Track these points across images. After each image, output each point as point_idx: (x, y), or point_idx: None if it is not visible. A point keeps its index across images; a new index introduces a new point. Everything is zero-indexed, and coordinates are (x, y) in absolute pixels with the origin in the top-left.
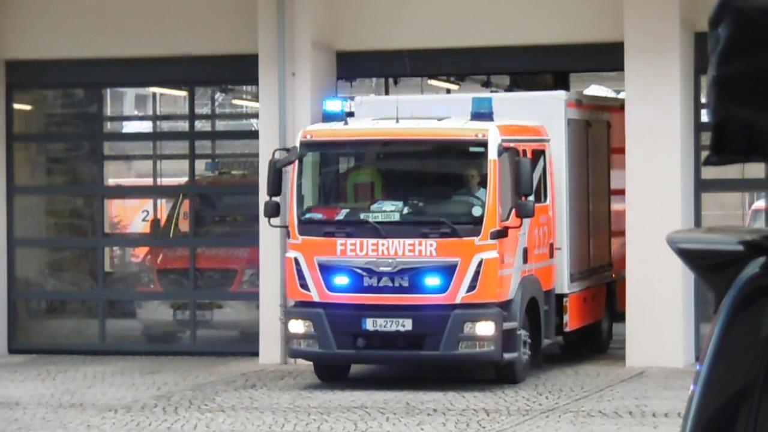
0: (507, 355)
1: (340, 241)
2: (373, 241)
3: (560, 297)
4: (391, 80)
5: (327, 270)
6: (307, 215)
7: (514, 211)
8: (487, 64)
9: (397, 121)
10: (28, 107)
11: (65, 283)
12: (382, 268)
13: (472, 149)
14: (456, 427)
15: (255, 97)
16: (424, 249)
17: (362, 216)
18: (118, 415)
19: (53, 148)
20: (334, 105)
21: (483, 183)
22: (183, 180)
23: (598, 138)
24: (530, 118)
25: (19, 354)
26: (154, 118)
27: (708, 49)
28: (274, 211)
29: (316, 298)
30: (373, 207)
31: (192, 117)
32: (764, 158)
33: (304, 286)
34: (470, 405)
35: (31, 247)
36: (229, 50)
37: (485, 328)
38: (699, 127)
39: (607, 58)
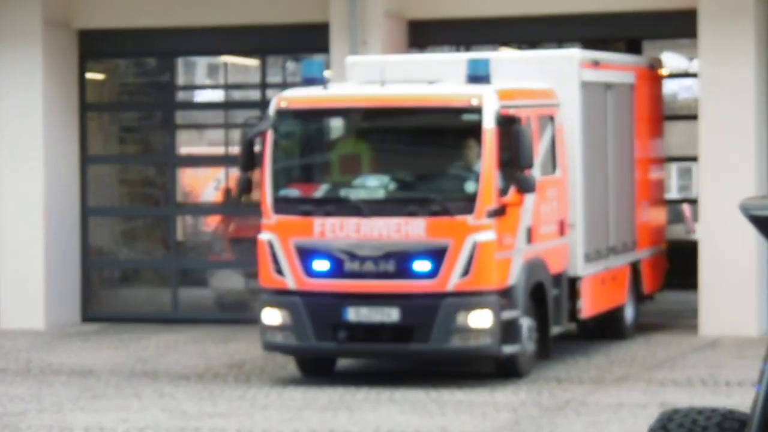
0: (507, 348)
1: (318, 221)
2: (355, 221)
3: (573, 280)
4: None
5: (304, 254)
6: (282, 192)
7: (513, 186)
8: (559, 32)
9: (383, 85)
10: (100, 76)
11: (138, 252)
12: (365, 252)
13: (465, 117)
14: (527, 395)
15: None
16: (411, 230)
17: (343, 193)
18: (191, 383)
19: (126, 117)
20: (314, 68)
21: (478, 155)
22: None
23: (621, 102)
24: (540, 81)
25: (92, 322)
26: (226, 87)
27: None
28: (246, 187)
29: (292, 286)
30: (356, 183)
31: (263, 86)
32: None
33: (279, 271)
34: (542, 374)
35: (104, 216)
36: (300, 19)
37: (480, 319)
38: None
39: (680, 25)
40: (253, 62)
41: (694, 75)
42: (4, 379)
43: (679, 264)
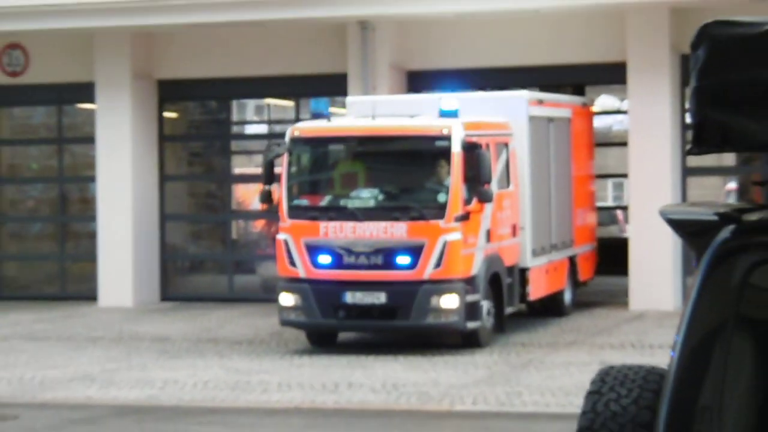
0: (470, 324)
1: (323, 224)
2: (352, 224)
3: (523, 270)
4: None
5: (312, 250)
6: (295, 202)
7: (476, 197)
8: (523, 79)
9: (374, 119)
10: (174, 115)
11: (202, 247)
12: (359, 249)
13: (438, 143)
14: (499, 356)
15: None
16: (395, 231)
17: (342, 202)
18: (243, 347)
19: (193, 145)
20: (321, 106)
21: (448, 173)
22: None
23: (560, 132)
24: (497, 116)
25: (168, 301)
26: (269, 122)
27: (690, 66)
28: (267, 198)
29: (302, 275)
30: (352, 194)
31: (297, 121)
32: (734, 149)
33: (292, 263)
34: (510, 340)
35: (177, 220)
36: (325, 71)
37: (450, 301)
38: (684, 126)
39: (614, 74)
40: (289, 103)
41: (624, 112)
42: (101, 344)
43: (613, 255)
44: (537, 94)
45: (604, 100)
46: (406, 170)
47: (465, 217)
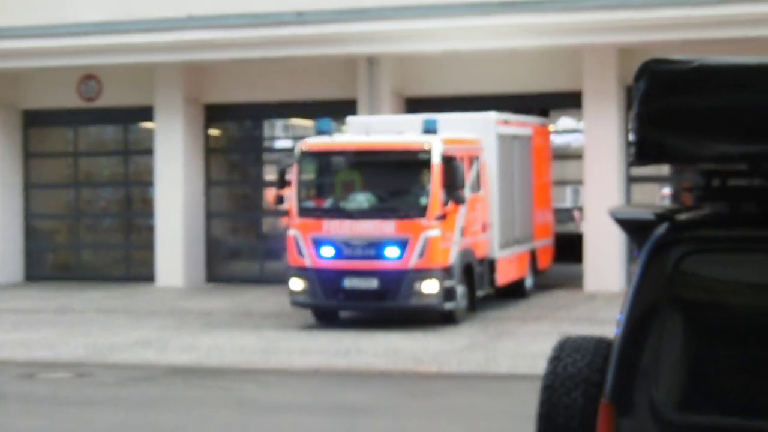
0: (447, 305)
1: (326, 222)
2: (350, 222)
3: (492, 261)
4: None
5: (317, 244)
6: (303, 204)
7: (451, 200)
8: (498, 104)
9: (368, 135)
10: (217, 132)
11: (239, 239)
12: (355, 243)
13: (420, 156)
14: (478, 329)
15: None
16: (385, 228)
17: (342, 204)
18: (272, 319)
19: (232, 157)
20: (325, 124)
21: (428, 180)
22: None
23: (523, 147)
24: (470, 133)
25: (212, 282)
26: (294, 138)
27: (633, 95)
28: (280, 200)
29: (309, 264)
30: (350, 198)
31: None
32: (668, 162)
33: (301, 255)
34: (487, 315)
35: (219, 217)
36: (338, 96)
37: (430, 286)
38: (627, 144)
39: (572, 100)
40: (309, 123)
41: (580, 131)
42: (157, 317)
43: (571, 247)
44: (504, 116)
45: (564, 122)
46: (394, 178)
47: (443, 217)
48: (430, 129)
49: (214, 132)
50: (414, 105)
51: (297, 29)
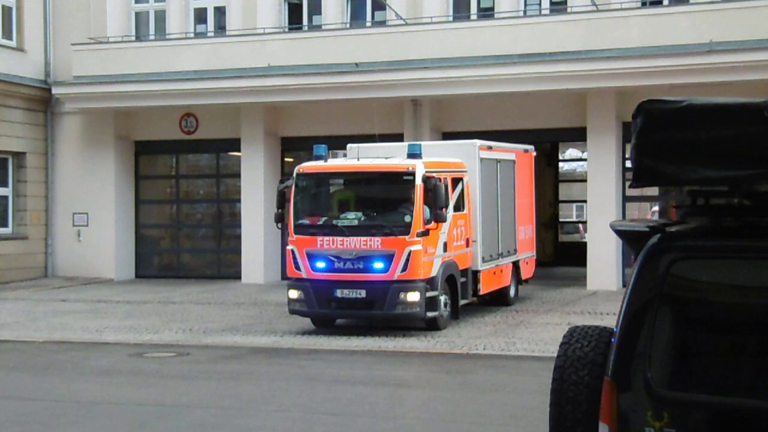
0: (429, 313)
1: (320, 238)
2: (341, 238)
3: (476, 272)
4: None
5: (311, 257)
6: (300, 221)
7: (433, 218)
8: (516, 138)
9: (358, 160)
10: (291, 159)
11: None
12: (346, 256)
13: (405, 177)
14: (501, 318)
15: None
16: (372, 243)
17: (334, 222)
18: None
19: None
20: (320, 150)
21: (412, 200)
22: None
23: (506, 170)
24: (456, 158)
25: (286, 280)
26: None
27: (630, 130)
28: (279, 218)
29: (305, 276)
30: (341, 216)
31: None
32: (660, 185)
33: (297, 267)
34: (508, 309)
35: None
36: (387, 131)
37: (413, 296)
38: (624, 169)
39: (578, 134)
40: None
41: (584, 160)
42: (243, 307)
43: (577, 254)
44: (487, 143)
45: (571, 152)
46: (381, 198)
47: (425, 233)
48: (414, 153)
49: (288, 159)
50: (449, 138)
51: (355, 77)
